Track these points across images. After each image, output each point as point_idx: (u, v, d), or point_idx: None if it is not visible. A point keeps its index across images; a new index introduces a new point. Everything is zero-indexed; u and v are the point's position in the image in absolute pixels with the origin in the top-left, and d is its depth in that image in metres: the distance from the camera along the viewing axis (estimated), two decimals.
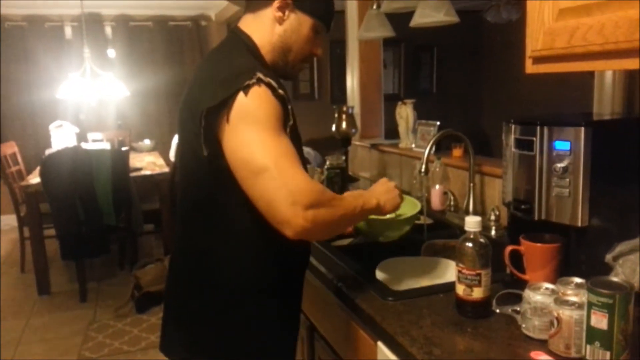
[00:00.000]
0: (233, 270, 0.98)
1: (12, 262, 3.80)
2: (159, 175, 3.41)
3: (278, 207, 0.82)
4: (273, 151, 0.84)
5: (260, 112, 0.86)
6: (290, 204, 0.81)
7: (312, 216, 0.82)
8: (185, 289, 1.04)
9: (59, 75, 4.53)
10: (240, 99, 0.86)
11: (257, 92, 0.87)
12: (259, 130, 0.85)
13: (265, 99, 0.87)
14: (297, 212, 0.81)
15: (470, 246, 0.93)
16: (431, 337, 0.87)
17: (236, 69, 0.90)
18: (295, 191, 0.82)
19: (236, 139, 0.86)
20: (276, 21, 0.99)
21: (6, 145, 3.89)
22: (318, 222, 0.84)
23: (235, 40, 1.02)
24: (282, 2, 0.98)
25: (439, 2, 1.62)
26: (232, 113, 0.86)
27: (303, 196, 0.82)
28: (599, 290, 0.74)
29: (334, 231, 0.97)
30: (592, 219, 0.92)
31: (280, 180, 0.82)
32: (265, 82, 0.88)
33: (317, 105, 5.55)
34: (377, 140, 2.44)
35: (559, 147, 0.93)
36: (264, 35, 1.00)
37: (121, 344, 2.57)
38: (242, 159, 0.86)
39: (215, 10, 5.13)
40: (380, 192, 1.06)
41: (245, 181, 0.86)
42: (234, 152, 0.87)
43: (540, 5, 0.83)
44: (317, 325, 1.35)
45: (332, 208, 0.88)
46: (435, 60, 5.99)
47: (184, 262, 1.06)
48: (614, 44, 0.70)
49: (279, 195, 0.82)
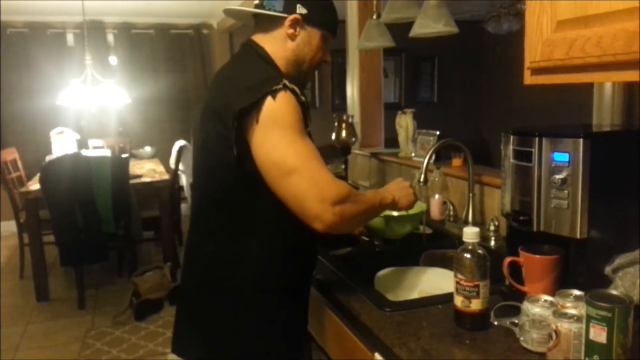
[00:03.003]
0: (249, 270, 1.02)
1: (11, 268, 3.79)
2: (159, 182, 3.41)
3: (309, 204, 0.89)
4: (302, 153, 0.92)
5: (287, 116, 0.93)
6: (319, 201, 0.89)
7: (340, 211, 0.90)
8: (200, 289, 1.07)
9: (60, 82, 4.55)
10: (269, 102, 0.92)
11: (284, 96, 0.93)
12: (288, 134, 0.92)
13: (291, 104, 0.94)
14: (326, 207, 0.89)
15: (468, 257, 0.92)
16: (429, 349, 0.86)
17: (263, 75, 0.97)
18: (324, 189, 0.90)
19: (267, 142, 0.92)
20: (288, 38, 1.04)
21: (7, 151, 3.90)
22: (345, 216, 0.92)
23: (251, 52, 1.06)
24: (293, 20, 1.03)
25: (438, 12, 1.63)
26: (261, 115, 0.92)
27: (331, 193, 0.90)
28: (598, 304, 0.73)
29: (358, 224, 1.12)
30: (590, 231, 0.91)
31: (310, 179, 0.90)
32: (290, 88, 0.94)
33: (317, 114, 5.54)
34: (376, 149, 2.44)
35: (557, 158, 0.93)
36: (278, 50, 1.05)
37: (119, 352, 2.55)
38: (273, 161, 0.92)
39: (217, 19, 5.16)
40: (395, 189, 1.13)
41: (276, 181, 0.93)
42: (265, 154, 0.93)
43: (538, 16, 0.83)
44: (315, 335, 1.34)
45: (356, 204, 0.96)
46: (436, 70, 6.02)
47: (199, 263, 1.08)
48: (612, 56, 0.70)
49: (309, 193, 0.89)
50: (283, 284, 1.04)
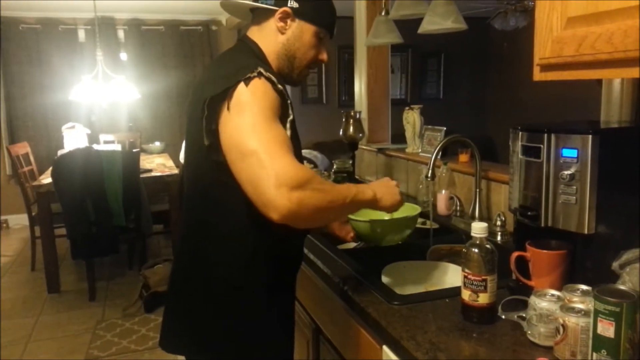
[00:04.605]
0: (228, 266, 1.00)
1: (23, 261, 3.86)
2: (169, 176, 3.44)
3: (263, 188, 0.82)
4: (263, 135, 0.85)
5: (256, 101, 0.88)
6: (275, 186, 0.81)
7: (298, 198, 0.82)
8: (183, 284, 1.06)
9: (71, 78, 4.61)
10: (241, 88, 0.89)
11: (257, 83, 0.89)
12: (253, 118, 0.87)
13: (264, 90, 0.90)
14: (283, 193, 0.81)
15: (476, 252, 0.93)
16: (436, 342, 0.88)
17: (239, 65, 0.94)
18: (281, 173, 0.82)
19: (230, 125, 0.88)
20: (279, 31, 1.03)
21: (19, 145, 3.96)
22: (304, 204, 0.83)
23: (242, 46, 1.06)
24: (283, 13, 1.01)
25: (447, 9, 1.63)
26: (232, 102, 0.88)
27: (288, 178, 0.82)
28: (606, 299, 0.74)
29: (323, 217, 0.94)
30: (598, 227, 0.92)
31: (267, 162, 0.83)
32: (266, 76, 0.91)
33: (325, 110, 5.57)
34: (384, 144, 2.45)
35: (566, 154, 0.93)
36: (269, 44, 1.04)
37: (129, 343, 2.59)
38: (234, 144, 0.87)
39: (226, 16, 5.18)
40: (378, 186, 1.06)
41: (234, 164, 0.88)
42: (228, 138, 0.89)
43: (548, 13, 0.83)
44: (323, 327, 1.36)
45: (321, 192, 0.86)
46: (442, 66, 5.99)
47: (184, 258, 1.08)
48: (623, 53, 0.70)
49: (264, 176, 0.82)
50: (263, 282, 1.01)
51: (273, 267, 1.03)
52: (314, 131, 4.17)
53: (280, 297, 1.06)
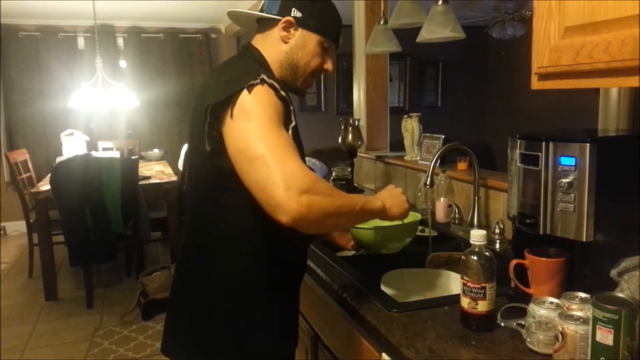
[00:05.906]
0: (231, 271, 1.00)
1: (21, 268, 3.84)
2: (167, 183, 3.44)
3: (272, 191, 0.82)
4: (269, 140, 0.86)
5: (261, 108, 0.89)
6: (284, 189, 0.81)
7: (307, 201, 0.81)
8: (186, 289, 1.06)
9: (71, 85, 4.62)
10: (244, 95, 0.89)
11: (260, 90, 0.90)
12: (259, 122, 0.87)
13: (267, 97, 0.91)
14: (291, 196, 0.80)
15: (475, 259, 0.93)
16: (436, 350, 0.88)
17: (241, 71, 0.95)
18: (290, 176, 0.82)
19: (235, 131, 0.89)
20: (282, 40, 1.03)
21: (17, 152, 3.96)
22: (313, 208, 0.82)
23: (245, 53, 1.07)
24: (286, 22, 1.02)
25: (445, 18, 1.65)
26: (235, 108, 0.89)
27: (297, 181, 0.82)
28: (605, 306, 0.74)
29: (332, 222, 0.91)
30: (596, 235, 0.92)
31: (275, 166, 0.83)
32: (269, 82, 0.92)
33: (323, 117, 5.59)
34: (382, 152, 2.46)
35: (564, 162, 0.94)
36: (272, 52, 1.05)
37: (127, 351, 2.57)
38: (240, 148, 0.88)
39: (225, 24, 5.21)
40: (386, 196, 1.05)
41: (242, 168, 0.88)
42: (233, 143, 0.89)
43: (546, 23, 0.84)
44: (321, 334, 1.35)
45: (330, 197, 0.86)
46: (440, 75, 6.04)
47: (186, 263, 1.08)
48: (620, 62, 0.71)
49: (272, 179, 0.82)
50: (266, 287, 1.01)
51: (275, 271, 1.03)
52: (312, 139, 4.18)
53: (282, 302, 1.06)
